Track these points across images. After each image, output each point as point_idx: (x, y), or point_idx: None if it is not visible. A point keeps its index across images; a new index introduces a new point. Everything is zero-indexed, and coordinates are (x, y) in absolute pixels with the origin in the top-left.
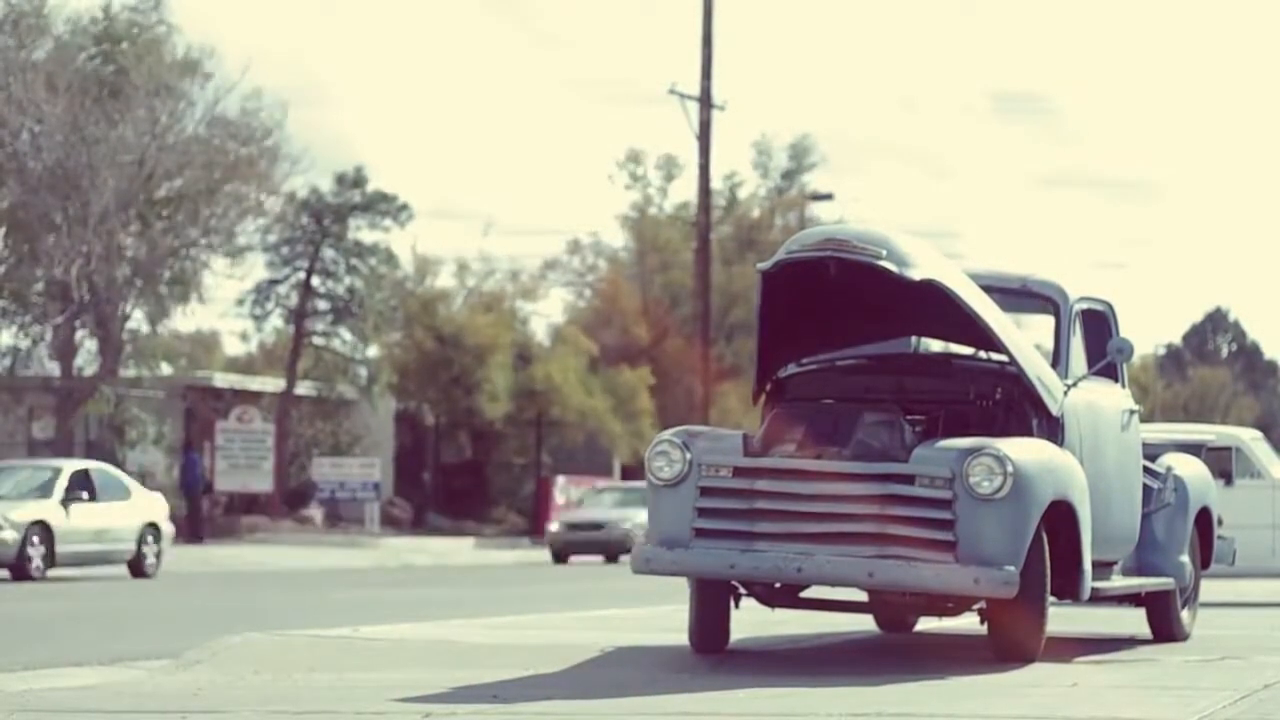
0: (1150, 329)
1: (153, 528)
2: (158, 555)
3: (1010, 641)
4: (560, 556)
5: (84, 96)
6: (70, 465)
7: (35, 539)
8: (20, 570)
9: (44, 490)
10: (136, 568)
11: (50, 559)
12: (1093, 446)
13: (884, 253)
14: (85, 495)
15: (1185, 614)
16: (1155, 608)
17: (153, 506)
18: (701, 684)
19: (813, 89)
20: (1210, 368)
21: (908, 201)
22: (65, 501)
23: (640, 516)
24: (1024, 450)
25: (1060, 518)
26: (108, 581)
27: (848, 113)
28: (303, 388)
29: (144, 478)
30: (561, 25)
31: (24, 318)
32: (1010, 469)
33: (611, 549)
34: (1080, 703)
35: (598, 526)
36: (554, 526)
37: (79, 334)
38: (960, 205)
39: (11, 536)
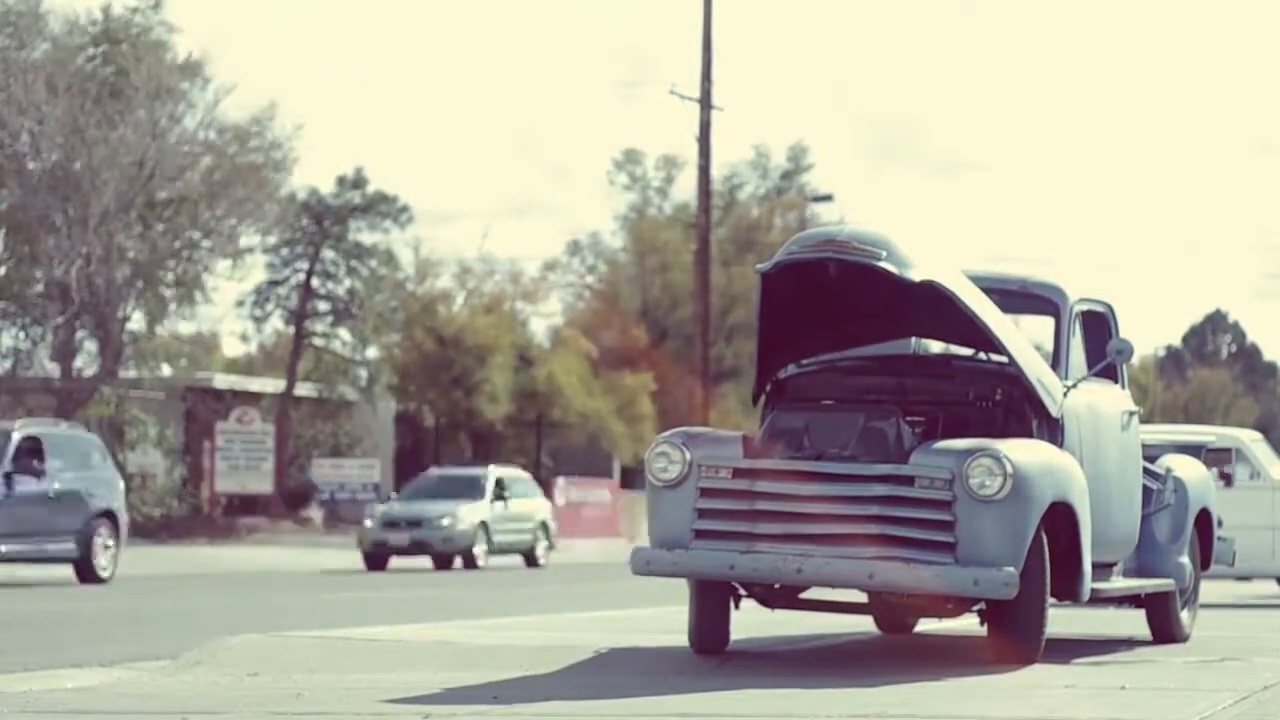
0: (1150, 330)
1: None
2: None
3: (1010, 643)
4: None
5: (84, 97)
6: None
7: None
8: None
9: None
10: None
11: None
12: (1093, 448)
13: (884, 254)
14: None
15: (1185, 615)
16: (1155, 609)
17: None
18: (702, 685)
19: (811, 90)
20: (1210, 369)
21: (904, 203)
22: None
23: (465, 511)
24: (1024, 451)
25: (1060, 519)
26: (108, 581)
27: (844, 114)
28: (303, 389)
29: (144, 479)
30: (561, 25)
31: (24, 319)
32: (1010, 470)
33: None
34: (1080, 704)
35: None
36: (368, 524)
37: (79, 335)
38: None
39: None
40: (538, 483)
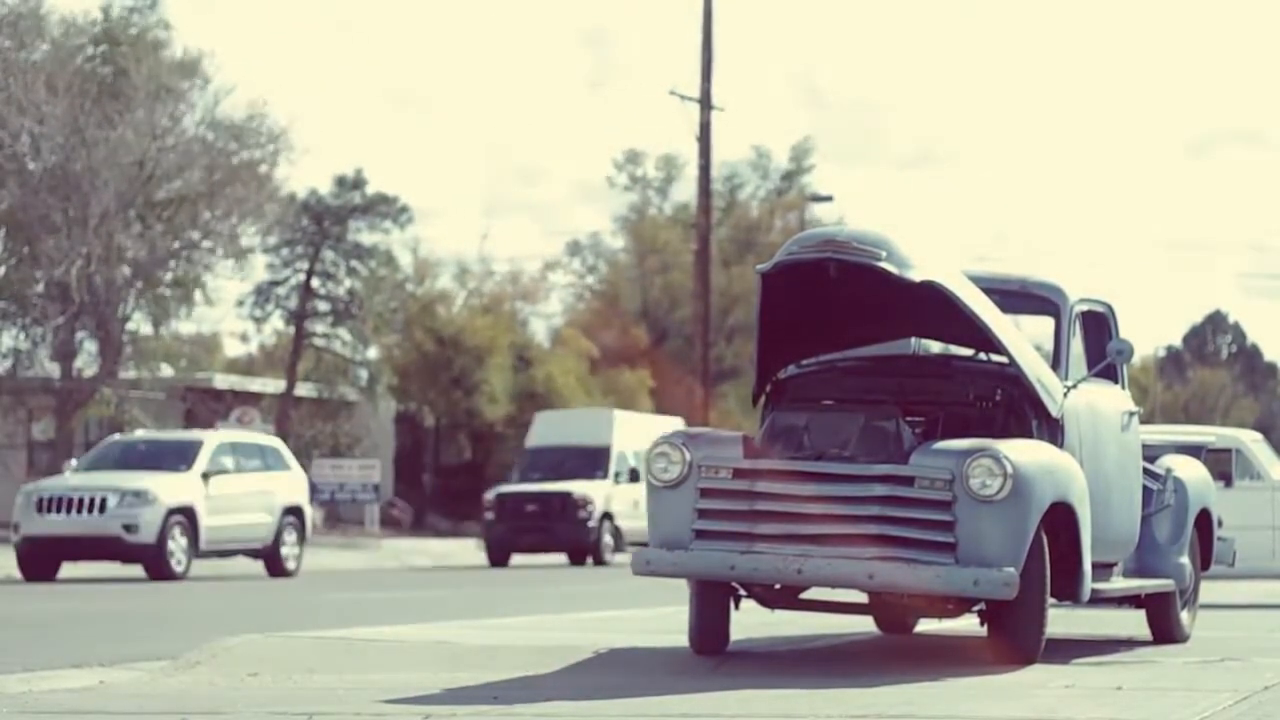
0: (1150, 330)
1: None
2: None
3: (1010, 643)
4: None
5: (83, 98)
6: None
7: None
8: None
9: None
10: None
11: None
12: (1093, 448)
13: (884, 254)
14: None
15: (1185, 615)
16: (1155, 609)
17: None
18: (701, 685)
19: (812, 90)
20: (1210, 369)
21: (903, 202)
22: None
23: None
24: (1024, 452)
25: (1060, 519)
26: (108, 582)
27: (845, 114)
28: (303, 389)
29: None
30: (561, 25)
31: (24, 319)
32: (1010, 470)
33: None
34: (1080, 704)
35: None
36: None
37: (79, 335)
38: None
39: None
40: None
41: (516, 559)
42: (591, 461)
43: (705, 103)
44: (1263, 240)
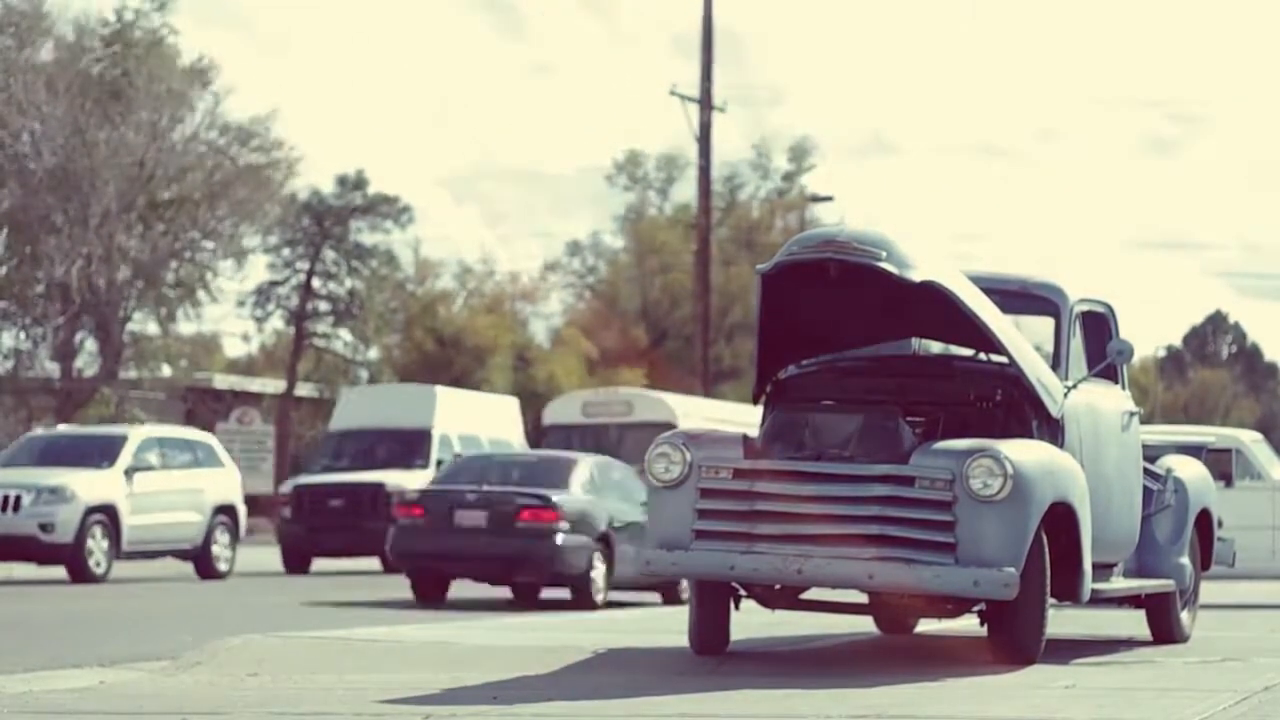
0: (1150, 330)
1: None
2: None
3: (1010, 643)
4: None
5: (85, 98)
6: None
7: None
8: None
9: None
10: None
11: None
12: (1093, 448)
13: (884, 255)
14: None
15: (1185, 616)
16: (1155, 609)
17: None
18: (702, 685)
19: (812, 90)
20: (1210, 369)
21: (903, 201)
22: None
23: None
24: (1024, 452)
25: (1060, 519)
26: (107, 583)
27: (845, 114)
28: (303, 389)
29: None
30: (563, 25)
31: (25, 319)
32: (1010, 471)
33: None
34: (1080, 704)
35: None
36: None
37: (79, 335)
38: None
39: None
40: None
41: (318, 564)
42: (409, 447)
43: (705, 103)
44: (1259, 239)
